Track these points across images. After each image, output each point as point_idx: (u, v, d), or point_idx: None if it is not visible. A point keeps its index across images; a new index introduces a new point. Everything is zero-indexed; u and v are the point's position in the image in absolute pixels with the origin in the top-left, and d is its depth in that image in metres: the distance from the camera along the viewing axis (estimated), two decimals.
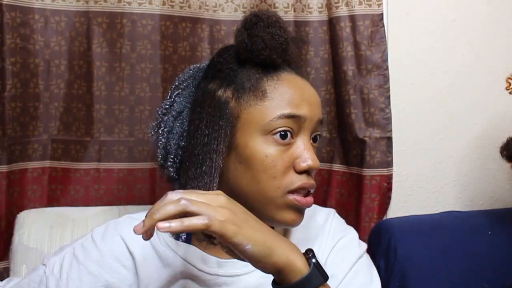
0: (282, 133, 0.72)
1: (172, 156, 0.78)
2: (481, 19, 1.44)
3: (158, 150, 0.81)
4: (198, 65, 0.85)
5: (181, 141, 0.78)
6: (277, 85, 0.74)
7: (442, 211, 1.34)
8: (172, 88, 0.83)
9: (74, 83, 1.23)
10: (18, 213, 1.14)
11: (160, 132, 0.81)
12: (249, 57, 0.74)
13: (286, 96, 0.73)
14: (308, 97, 0.75)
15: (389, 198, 1.33)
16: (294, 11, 1.30)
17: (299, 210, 0.75)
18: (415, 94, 1.42)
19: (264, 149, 0.72)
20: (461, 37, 1.43)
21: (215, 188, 0.72)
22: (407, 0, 1.40)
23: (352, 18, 1.28)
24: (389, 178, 1.31)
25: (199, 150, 0.74)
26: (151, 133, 0.82)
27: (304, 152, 0.73)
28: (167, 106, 0.81)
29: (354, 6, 1.28)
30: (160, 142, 0.80)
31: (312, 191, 0.75)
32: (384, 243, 1.20)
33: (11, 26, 1.16)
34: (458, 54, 1.43)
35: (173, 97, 0.81)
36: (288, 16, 1.30)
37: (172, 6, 1.25)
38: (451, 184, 1.46)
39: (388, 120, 1.30)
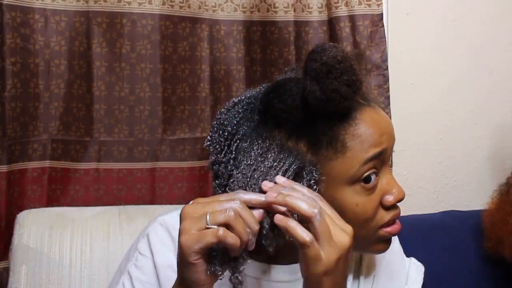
0: (367, 177, 0.68)
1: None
2: (481, 19, 1.44)
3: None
4: (242, 102, 0.74)
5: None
6: (355, 130, 0.68)
7: (442, 211, 1.34)
8: (226, 136, 0.71)
9: (74, 83, 1.23)
10: (18, 213, 1.13)
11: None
12: (323, 109, 0.66)
13: (367, 139, 0.68)
14: (384, 128, 0.70)
15: None
16: (294, 11, 1.30)
17: (390, 239, 0.75)
18: (415, 94, 1.42)
19: (353, 198, 0.68)
20: (461, 37, 1.43)
21: None
22: (407, 0, 1.40)
23: (352, 18, 1.28)
24: None
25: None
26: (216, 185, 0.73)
27: (390, 186, 0.71)
28: (230, 160, 0.70)
29: (354, 6, 1.28)
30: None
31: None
32: None
33: (11, 26, 1.16)
34: (458, 54, 1.43)
35: (234, 148, 0.70)
36: (288, 16, 1.30)
37: (172, 6, 1.25)
38: (451, 184, 1.46)
39: None
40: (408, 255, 1.14)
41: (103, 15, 1.21)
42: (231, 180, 0.68)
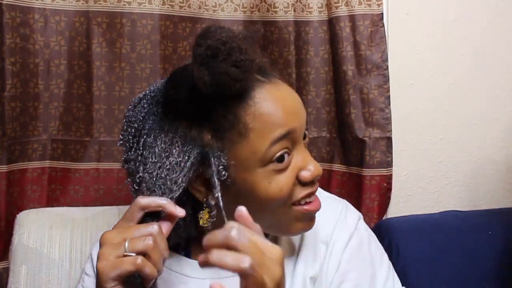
0: (280, 157, 0.66)
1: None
2: (481, 19, 1.44)
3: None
4: (147, 93, 0.73)
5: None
6: (256, 111, 0.65)
7: (442, 211, 1.34)
8: (132, 132, 0.71)
9: (74, 83, 1.23)
10: (18, 213, 1.13)
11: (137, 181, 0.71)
12: (216, 94, 0.64)
13: (270, 118, 0.66)
14: (291, 105, 0.68)
15: (389, 198, 1.33)
16: (294, 11, 1.30)
17: (310, 217, 0.72)
18: (415, 94, 1.42)
19: (266, 178, 0.66)
20: (461, 37, 1.43)
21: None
22: (407, 0, 1.40)
23: (352, 18, 1.28)
24: (388, 178, 1.31)
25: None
26: (128, 181, 0.72)
27: (305, 163, 0.69)
28: (139, 156, 0.69)
29: (354, 6, 1.28)
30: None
31: (316, 191, 0.72)
32: (385, 243, 1.20)
33: (11, 26, 1.16)
34: (458, 54, 1.43)
35: (141, 145, 0.69)
36: (288, 16, 1.30)
37: (172, 6, 1.25)
38: (451, 184, 1.46)
39: (388, 120, 1.30)
40: (408, 255, 1.15)
41: (103, 15, 1.21)
42: (139, 181, 0.67)
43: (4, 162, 1.16)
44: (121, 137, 0.73)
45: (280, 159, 0.67)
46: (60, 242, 1.08)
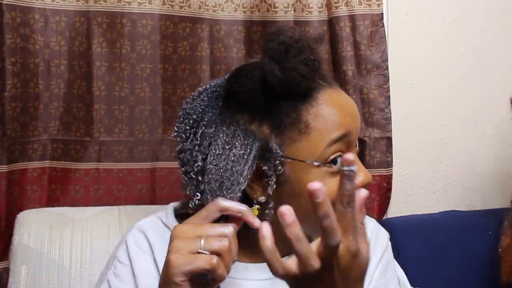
0: (334, 160, 0.68)
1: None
2: (481, 19, 1.44)
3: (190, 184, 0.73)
4: (207, 88, 0.75)
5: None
6: (318, 110, 0.68)
7: (442, 211, 1.34)
8: (190, 123, 0.72)
9: (74, 83, 1.23)
10: (18, 213, 1.13)
11: (193, 175, 0.72)
12: (283, 89, 0.67)
13: (330, 120, 0.68)
14: (348, 108, 0.71)
15: (389, 198, 1.33)
16: (294, 11, 1.30)
17: None
18: (415, 94, 1.42)
19: (319, 180, 0.64)
20: (461, 37, 1.43)
21: None
22: (407, 0, 1.40)
23: (352, 18, 1.28)
24: (388, 178, 1.31)
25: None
26: (183, 173, 0.73)
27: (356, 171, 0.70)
28: (196, 146, 0.71)
29: (354, 6, 1.28)
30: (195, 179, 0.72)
31: None
32: None
33: (11, 26, 1.16)
34: (458, 54, 1.43)
35: (199, 135, 0.70)
36: (288, 16, 1.30)
37: (172, 6, 1.25)
38: (451, 184, 1.46)
39: (388, 120, 1.30)
40: (408, 255, 1.15)
41: (103, 15, 1.21)
42: (197, 170, 0.68)
43: (4, 162, 1.16)
44: (176, 128, 0.74)
45: (335, 161, 0.68)
46: (60, 242, 1.08)
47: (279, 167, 0.67)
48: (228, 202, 0.63)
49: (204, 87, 0.76)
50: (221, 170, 0.67)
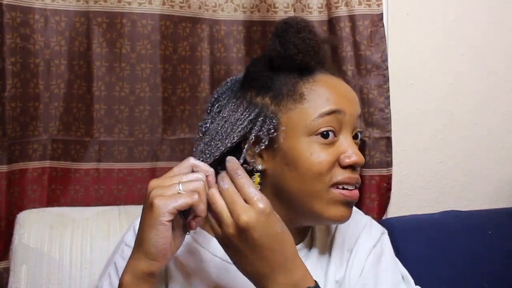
0: (325, 133, 0.74)
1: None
2: (481, 19, 1.44)
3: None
4: (234, 77, 0.85)
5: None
6: (314, 86, 0.76)
7: (442, 211, 1.34)
8: (211, 102, 0.82)
9: (74, 83, 1.23)
10: (18, 213, 1.14)
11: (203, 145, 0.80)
12: (283, 64, 0.76)
13: (324, 95, 0.75)
14: (344, 93, 0.77)
15: (389, 198, 1.33)
16: (294, 11, 1.30)
17: (347, 204, 0.76)
18: (415, 94, 1.42)
19: (309, 148, 0.74)
20: (461, 37, 1.43)
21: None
22: (407, 0, 1.40)
23: (352, 18, 1.28)
24: (388, 178, 1.31)
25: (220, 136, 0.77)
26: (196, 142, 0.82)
27: (348, 148, 0.75)
28: (208, 120, 0.81)
29: (354, 6, 1.28)
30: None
31: (357, 185, 0.77)
32: None
33: (11, 26, 1.16)
34: (458, 54, 1.43)
35: (214, 110, 0.81)
36: (288, 16, 1.30)
37: (172, 6, 1.25)
38: (451, 184, 1.46)
39: (388, 120, 1.30)
40: (408, 255, 1.15)
41: (103, 15, 1.21)
42: (206, 132, 0.78)
43: (5, 162, 1.17)
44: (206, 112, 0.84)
45: (325, 135, 0.74)
46: (60, 242, 1.08)
47: (272, 131, 0.74)
48: (197, 161, 0.70)
49: (235, 77, 0.86)
50: (219, 128, 0.76)
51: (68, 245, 1.08)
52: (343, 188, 0.75)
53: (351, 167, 0.75)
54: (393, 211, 1.38)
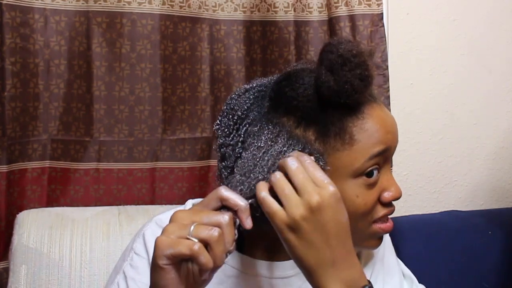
0: (370, 172, 0.70)
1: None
2: (481, 19, 1.44)
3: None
4: (254, 86, 0.76)
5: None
6: (363, 124, 0.70)
7: (442, 211, 1.34)
8: (234, 119, 0.73)
9: (74, 83, 1.23)
10: (17, 213, 1.13)
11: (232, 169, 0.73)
12: (334, 100, 0.68)
13: (374, 135, 0.70)
14: (391, 127, 0.73)
15: None
16: (294, 11, 1.30)
17: (382, 236, 0.76)
18: (415, 94, 1.42)
19: (355, 190, 0.70)
20: (461, 37, 1.43)
21: None
22: (407, 0, 1.40)
23: (352, 18, 1.28)
24: None
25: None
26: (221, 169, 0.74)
27: (389, 185, 0.72)
28: (238, 143, 0.72)
29: (354, 6, 1.28)
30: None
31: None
32: None
33: (11, 25, 1.16)
34: (458, 54, 1.43)
35: (243, 132, 0.72)
36: (288, 16, 1.30)
37: (172, 6, 1.25)
38: (451, 184, 1.46)
39: None
40: (408, 255, 1.15)
41: (103, 15, 1.21)
42: (240, 161, 0.69)
43: (4, 162, 1.16)
44: (218, 122, 0.75)
45: (370, 174, 0.70)
46: (60, 242, 1.08)
47: None
48: (228, 193, 0.62)
49: (250, 85, 0.77)
50: (258, 159, 0.68)
51: (67, 245, 1.08)
52: (381, 222, 0.73)
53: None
54: None
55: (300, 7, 1.30)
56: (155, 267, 0.59)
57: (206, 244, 0.58)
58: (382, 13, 1.30)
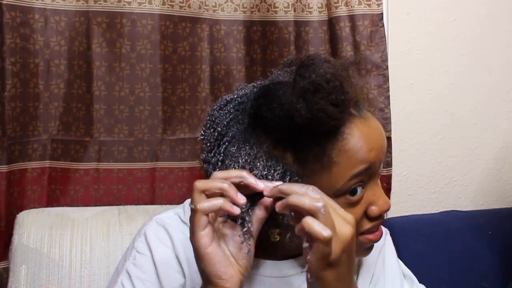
0: (353, 190, 0.67)
1: None
2: (481, 19, 1.44)
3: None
4: (234, 101, 0.73)
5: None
6: (343, 146, 0.66)
7: (442, 211, 1.34)
8: (215, 136, 0.71)
9: (74, 83, 1.23)
10: (18, 213, 1.14)
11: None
12: (310, 127, 0.65)
13: (355, 155, 0.66)
14: (374, 142, 0.69)
15: (389, 198, 1.32)
16: (294, 11, 1.30)
17: (371, 245, 0.74)
18: (415, 94, 1.42)
19: None
20: (461, 37, 1.43)
21: None
22: (407, 0, 1.40)
23: (352, 18, 1.28)
24: (388, 179, 1.31)
25: None
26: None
27: (376, 199, 0.70)
28: (218, 162, 0.70)
29: (354, 6, 1.28)
30: None
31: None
32: None
33: (11, 25, 1.16)
34: (458, 54, 1.43)
35: (222, 150, 0.70)
36: (288, 16, 1.30)
37: (172, 6, 1.25)
38: (451, 184, 1.46)
39: (388, 120, 1.30)
40: (408, 255, 1.15)
41: (103, 15, 1.21)
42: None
43: (4, 162, 1.16)
44: (202, 132, 0.74)
45: (353, 191, 0.68)
46: (60, 242, 1.08)
47: None
48: (252, 177, 0.64)
49: (231, 96, 0.74)
50: None
51: (67, 245, 1.08)
52: (369, 233, 0.71)
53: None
54: (393, 211, 1.38)
55: (300, 7, 1.30)
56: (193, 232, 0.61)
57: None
58: (382, 13, 1.31)
